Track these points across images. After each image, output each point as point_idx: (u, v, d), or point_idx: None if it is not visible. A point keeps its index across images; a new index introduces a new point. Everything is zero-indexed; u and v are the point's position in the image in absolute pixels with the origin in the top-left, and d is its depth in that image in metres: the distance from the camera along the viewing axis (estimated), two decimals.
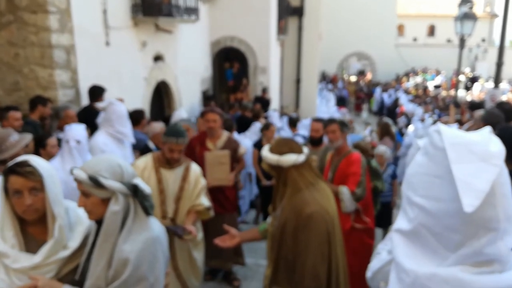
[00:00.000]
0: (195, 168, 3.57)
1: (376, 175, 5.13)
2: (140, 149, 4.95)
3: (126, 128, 4.39)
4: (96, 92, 5.46)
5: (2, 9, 4.99)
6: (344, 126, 4.08)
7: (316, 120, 5.24)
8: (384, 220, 5.84)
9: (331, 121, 4.22)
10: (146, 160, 3.52)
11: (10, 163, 1.84)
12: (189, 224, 3.35)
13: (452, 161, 0.96)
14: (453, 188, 0.96)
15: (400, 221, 1.10)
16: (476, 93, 22.45)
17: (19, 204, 1.81)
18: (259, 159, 5.88)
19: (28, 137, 3.40)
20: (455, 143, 0.98)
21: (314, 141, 5.01)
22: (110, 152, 4.06)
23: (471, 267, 0.99)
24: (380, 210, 5.23)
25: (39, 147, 3.75)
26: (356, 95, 22.42)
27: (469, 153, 0.96)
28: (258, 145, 6.10)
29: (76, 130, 3.67)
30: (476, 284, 0.98)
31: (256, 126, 7.24)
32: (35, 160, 1.84)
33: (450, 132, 1.02)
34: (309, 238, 2.44)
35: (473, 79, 25.67)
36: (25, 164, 1.81)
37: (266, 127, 6.06)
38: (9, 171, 1.81)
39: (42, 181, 1.81)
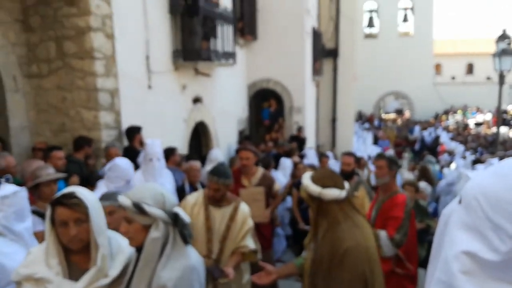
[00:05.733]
0: (243, 208, 3.49)
1: (426, 214, 5.04)
2: (177, 188, 5.08)
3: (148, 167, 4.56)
4: (132, 132, 5.70)
5: (52, 56, 5.35)
6: (392, 163, 3.94)
7: (347, 154, 5.19)
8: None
9: (379, 156, 4.10)
10: (198, 196, 3.52)
11: (57, 195, 1.90)
12: (230, 266, 3.24)
13: None
14: None
15: (475, 244, 0.98)
16: None
17: (64, 234, 1.87)
18: (299, 202, 5.82)
19: (59, 175, 3.55)
20: None
21: (345, 175, 4.87)
22: None
23: None
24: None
25: (87, 185, 3.89)
26: (396, 143, 20.19)
27: None
28: (298, 186, 5.99)
29: (129, 171, 3.84)
30: None
31: (286, 162, 7.24)
32: (81, 192, 1.90)
33: None
34: (342, 278, 2.35)
35: None
36: (71, 195, 1.87)
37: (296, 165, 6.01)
38: (56, 203, 1.87)
39: (87, 212, 1.86)
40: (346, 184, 2.59)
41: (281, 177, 6.70)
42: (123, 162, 3.96)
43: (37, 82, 5.46)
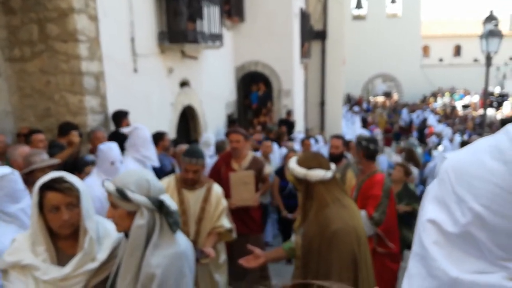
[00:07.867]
0: (216, 189, 3.55)
1: (414, 197, 5.10)
2: (167, 173, 5.04)
3: (150, 152, 4.51)
4: (119, 116, 5.61)
5: (35, 38, 5.21)
6: (359, 145, 4.04)
7: (336, 136, 5.19)
8: None
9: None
10: (169, 180, 3.54)
11: (44, 180, 1.84)
12: (208, 246, 3.32)
13: None
14: None
15: (440, 215, 0.99)
16: (507, 111, 21.96)
17: (56, 219, 1.83)
18: (281, 189, 5.84)
19: (54, 161, 3.53)
20: None
21: (333, 158, 4.87)
22: None
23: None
24: None
25: (73, 171, 3.83)
26: (385, 129, 19.11)
27: None
28: (280, 173, 5.94)
29: (116, 150, 3.81)
30: None
31: (273, 146, 7.23)
32: (69, 177, 1.87)
33: None
34: (332, 258, 2.37)
35: (502, 98, 25.18)
36: (62, 180, 1.84)
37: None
38: (46, 188, 1.82)
39: (78, 196, 1.84)
40: (333, 166, 2.59)
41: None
42: (105, 146, 3.90)
43: (20, 66, 5.32)
